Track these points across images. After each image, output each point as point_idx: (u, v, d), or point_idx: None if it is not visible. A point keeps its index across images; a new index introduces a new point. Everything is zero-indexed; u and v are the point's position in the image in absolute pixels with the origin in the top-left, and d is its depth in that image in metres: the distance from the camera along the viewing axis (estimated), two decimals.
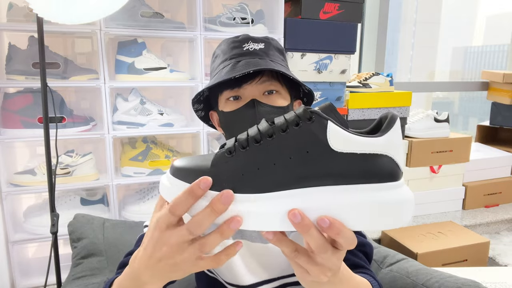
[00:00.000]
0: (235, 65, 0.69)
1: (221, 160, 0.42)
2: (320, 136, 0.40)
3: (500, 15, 24.93)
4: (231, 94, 0.71)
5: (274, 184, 0.41)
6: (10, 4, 1.36)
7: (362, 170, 0.40)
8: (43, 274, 1.30)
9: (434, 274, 1.01)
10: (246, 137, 0.42)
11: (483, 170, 2.29)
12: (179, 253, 0.43)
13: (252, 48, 0.71)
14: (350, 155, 0.40)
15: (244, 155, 0.42)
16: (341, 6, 1.74)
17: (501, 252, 1.93)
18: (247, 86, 0.69)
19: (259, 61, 0.69)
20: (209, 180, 0.40)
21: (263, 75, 0.70)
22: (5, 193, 1.38)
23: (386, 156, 0.41)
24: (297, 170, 0.40)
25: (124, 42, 1.50)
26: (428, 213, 2.15)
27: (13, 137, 1.38)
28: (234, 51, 0.72)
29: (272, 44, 0.75)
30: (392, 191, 0.41)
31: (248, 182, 0.41)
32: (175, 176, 0.44)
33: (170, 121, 1.56)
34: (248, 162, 0.41)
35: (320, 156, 0.40)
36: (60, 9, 1.02)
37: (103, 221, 1.23)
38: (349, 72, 1.85)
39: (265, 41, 0.73)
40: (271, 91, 0.71)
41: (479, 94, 2.76)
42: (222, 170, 0.42)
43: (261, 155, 0.41)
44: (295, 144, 0.41)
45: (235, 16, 1.58)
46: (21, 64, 1.37)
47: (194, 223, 0.41)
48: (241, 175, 0.41)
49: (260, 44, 0.72)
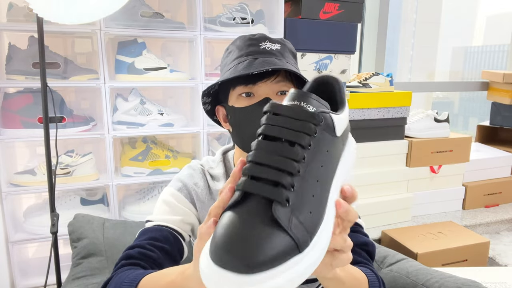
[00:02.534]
0: (252, 62, 0.69)
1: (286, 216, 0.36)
2: (332, 132, 0.41)
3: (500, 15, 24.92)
4: (244, 90, 0.70)
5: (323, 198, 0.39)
6: (10, 4, 1.36)
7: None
8: (43, 274, 1.30)
9: (434, 274, 1.01)
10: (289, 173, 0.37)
11: (483, 170, 2.29)
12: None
13: (269, 47, 0.71)
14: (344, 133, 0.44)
15: (296, 193, 0.37)
16: (341, 6, 1.74)
17: (501, 252, 1.93)
18: (262, 84, 0.69)
19: (276, 61, 0.69)
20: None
21: (278, 75, 0.70)
22: (5, 193, 1.38)
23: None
24: (329, 174, 0.40)
25: (124, 42, 1.50)
26: (428, 213, 2.15)
27: (13, 137, 1.38)
28: (251, 48, 0.71)
29: (287, 47, 0.75)
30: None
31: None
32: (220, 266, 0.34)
33: (170, 121, 1.56)
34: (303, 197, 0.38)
35: (334, 148, 0.41)
36: (60, 9, 1.02)
37: (103, 221, 1.23)
38: (349, 72, 1.85)
39: (281, 43, 0.74)
40: (284, 92, 0.71)
41: (479, 94, 2.76)
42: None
43: (305, 185, 0.38)
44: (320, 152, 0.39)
45: (235, 16, 1.58)
46: (21, 64, 1.37)
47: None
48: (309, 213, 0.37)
49: (276, 44, 0.73)
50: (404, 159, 2.06)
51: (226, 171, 0.81)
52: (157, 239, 0.70)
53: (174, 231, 0.73)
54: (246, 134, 0.71)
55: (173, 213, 0.75)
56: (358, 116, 1.89)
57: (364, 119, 1.91)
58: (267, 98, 0.69)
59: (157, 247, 0.69)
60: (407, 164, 2.06)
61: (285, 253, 0.34)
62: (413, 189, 2.08)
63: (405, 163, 2.06)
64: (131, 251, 0.69)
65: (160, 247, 0.69)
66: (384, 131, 1.99)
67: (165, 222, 0.73)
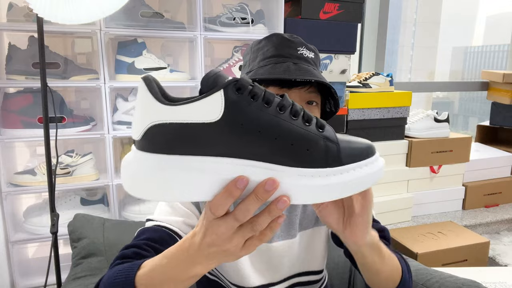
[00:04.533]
0: (293, 67, 0.69)
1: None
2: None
3: (500, 15, 24.91)
4: (278, 92, 0.70)
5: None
6: (10, 4, 1.36)
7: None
8: (43, 274, 1.30)
9: (434, 274, 1.01)
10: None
11: (483, 170, 2.29)
12: (228, 241, 0.44)
13: (306, 54, 0.72)
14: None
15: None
16: (341, 6, 1.74)
17: (501, 252, 1.93)
18: (296, 90, 0.70)
19: (315, 72, 0.70)
20: (246, 179, 0.39)
21: (312, 85, 0.71)
22: (5, 193, 1.38)
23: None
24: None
25: (124, 42, 1.50)
26: (428, 213, 2.15)
27: (13, 137, 1.38)
28: (289, 51, 0.72)
29: (319, 57, 0.77)
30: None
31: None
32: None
33: None
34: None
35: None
36: (60, 9, 1.02)
37: (103, 221, 1.23)
38: (349, 72, 1.85)
39: (314, 51, 0.75)
40: (312, 102, 0.72)
41: (479, 94, 2.76)
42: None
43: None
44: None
45: (235, 16, 1.58)
46: (21, 64, 1.37)
47: (240, 212, 0.42)
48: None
49: (311, 53, 0.74)
50: (404, 159, 2.06)
51: None
52: (154, 240, 0.70)
53: (173, 232, 0.72)
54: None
55: (175, 214, 0.75)
56: (358, 116, 1.89)
57: (364, 119, 1.91)
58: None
59: (153, 247, 0.69)
60: (407, 164, 2.06)
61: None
62: (413, 189, 2.08)
63: (405, 163, 2.06)
64: (127, 251, 0.68)
65: (155, 248, 0.69)
66: (384, 131, 1.99)
67: (165, 222, 0.73)
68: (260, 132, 0.39)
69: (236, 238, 0.44)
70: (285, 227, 0.77)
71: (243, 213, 0.42)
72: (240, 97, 0.38)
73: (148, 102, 0.38)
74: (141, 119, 0.38)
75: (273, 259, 0.76)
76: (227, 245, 0.44)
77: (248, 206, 0.41)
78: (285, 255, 0.77)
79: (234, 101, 0.38)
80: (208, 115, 0.37)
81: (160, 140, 0.38)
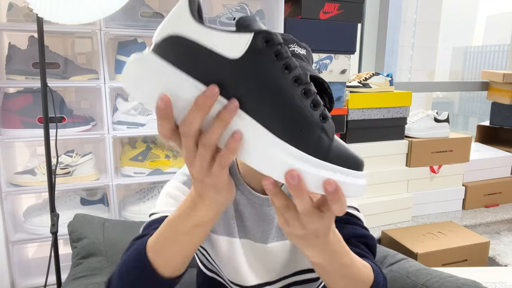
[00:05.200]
0: None
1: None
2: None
3: (500, 15, 24.93)
4: None
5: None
6: (10, 4, 1.36)
7: None
8: (43, 274, 1.30)
9: (434, 274, 1.01)
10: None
11: (483, 170, 2.29)
12: (193, 166, 0.43)
13: (298, 51, 0.71)
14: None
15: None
16: (341, 6, 1.74)
17: (501, 252, 1.93)
18: None
19: (307, 67, 0.70)
20: (216, 90, 0.37)
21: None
22: (5, 193, 1.38)
23: None
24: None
25: (124, 42, 1.50)
26: (428, 213, 2.15)
27: (13, 137, 1.38)
28: None
29: (311, 54, 0.76)
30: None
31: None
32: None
33: None
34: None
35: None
36: (60, 9, 1.02)
37: (103, 221, 1.23)
38: (349, 72, 1.85)
39: (306, 48, 0.74)
40: None
41: (479, 94, 2.76)
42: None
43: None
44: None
45: (235, 16, 1.58)
46: (21, 64, 1.37)
47: (183, 123, 0.40)
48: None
49: (303, 49, 0.73)
50: (404, 159, 2.06)
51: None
52: None
53: None
54: None
55: (178, 204, 0.72)
56: (358, 116, 1.89)
57: (364, 119, 1.91)
58: None
59: None
60: (407, 164, 2.06)
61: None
62: (413, 189, 2.08)
63: (405, 163, 2.06)
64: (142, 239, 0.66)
65: None
66: (384, 131, 1.99)
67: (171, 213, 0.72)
68: (267, 89, 0.38)
69: (197, 161, 0.42)
70: (280, 229, 0.77)
71: (186, 124, 0.40)
72: (266, 49, 0.37)
73: (182, 13, 0.37)
74: (168, 25, 0.38)
75: (269, 259, 0.76)
76: (193, 171, 0.43)
77: (190, 115, 0.39)
78: (281, 255, 0.77)
79: (258, 50, 0.37)
80: (229, 50, 0.37)
81: (173, 51, 0.38)
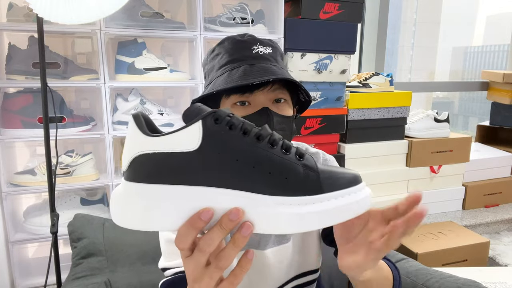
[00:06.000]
0: (248, 69, 0.66)
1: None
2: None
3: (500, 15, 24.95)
4: (241, 99, 0.67)
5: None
6: (10, 4, 1.36)
7: None
8: (43, 274, 1.30)
9: (434, 274, 1.01)
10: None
11: (483, 170, 2.29)
12: (200, 278, 0.41)
13: (262, 52, 0.69)
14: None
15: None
16: (341, 6, 1.74)
17: (501, 252, 1.93)
18: (259, 93, 0.67)
19: (274, 68, 0.67)
20: (211, 212, 0.38)
21: (274, 83, 0.67)
22: (5, 193, 1.38)
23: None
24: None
25: (124, 42, 1.50)
26: (428, 213, 2.14)
27: (13, 137, 1.38)
28: (243, 53, 0.68)
29: (278, 50, 0.73)
30: None
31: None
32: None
33: (170, 121, 1.56)
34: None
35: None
36: (60, 9, 1.02)
37: (103, 221, 1.23)
38: (349, 72, 1.85)
39: (271, 45, 0.72)
40: (279, 100, 0.69)
41: (479, 94, 2.76)
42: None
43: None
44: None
45: (235, 16, 1.58)
46: (21, 64, 1.37)
47: (203, 241, 0.39)
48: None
49: (268, 48, 0.70)
50: (404, 159, 2.06)
51: None
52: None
53: None
54: None
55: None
56: (358, 116, 1.89)
57: (364, 119, 1.91)
58: (266, 108, 0.67)
59: None
60: (407, 164, 2.06)
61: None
62: (413, 189, 2.08)
63: (405, 163, 2.06)
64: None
65: None
66: (384, 131, 1.99)
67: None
68: (238, 160, 0.39)
69: (205, 278, 0.40)
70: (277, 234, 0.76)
71: (206, 242, 0.39)
72: (218, 127, 0.39)
73: (134, 135, 0.39)
74: (128, 151, 0.40)
75: (270, 266, 0.75)
76: (202, 283, 0.41)
77: (212, 235, 0.39)
78: (282, 260, 0.76)
79: (212, 131, 0.38)
80: (187, 145, 0.38)
81: (143, 169, 0.39)
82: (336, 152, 1.90)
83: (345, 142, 1.91)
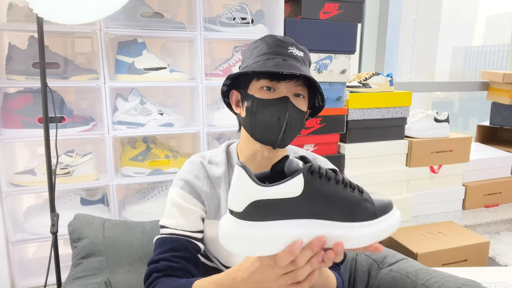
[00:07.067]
0: (281, 62, 0.76)
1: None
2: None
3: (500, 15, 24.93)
4: (268, 84, 0.78)
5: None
6: (10, 4, 1.36)
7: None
8: (43, 274, 1.30)
9: (434, 274, 1.01)
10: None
11: (483, 170, 2.29)
12: (274, 282, 0.59)
13: (295, 53, 0.79)
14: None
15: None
16: (341, 6, 1.74)
17: (501, 252, 1.93)
18: (284, 84, 0.77)
19: (302, 68, 0.77)
20: (300, 243, 0.54)
21: (299, 79, 0.78)
22: (5, 193, 1.38)
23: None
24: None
25: (124, 42, 1.50)
26: (428, 213, 2.15)
27: (13, 137, 1.38)
28: (280, 49, 0.79)
29: (308, 56, 0.84)
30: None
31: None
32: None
33: (170, 121, 1.56)
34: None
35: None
36: (60, 9, 1.02)
37: (103, 221, 1.23)
38: (349, 72, 1.85)
39: (304, 51, 0.82)
40: (299, 95, 0.79)
41: (479, 94, 2.76)
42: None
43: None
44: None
45: (235, 16, 1.58)
46: (21, 64, 1.37)
47: (299, 260, 0.56)
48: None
49: (301, 52, 0.81)
50: (404, 159, 2.06)
51: (228, 159, 0.90)
52: (176, 249, 0.81)
53: (188, 237, 0.82)
54: (259, 122, 0.79)
55: (184, 215, 0.83)
56: (358, 116, 1.89)
57: (364, 119, 1.91)
58: (287, 97, 0.77)
59: (179, 257, 0.80)
60: (407, 164, 2.06)
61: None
62: (413, 189, 2.08)
63: (405, 163, 2.06)
64: (159, 265, 0.79)
65: (181, 256, 0.80)
66: (384, 131, 1.99)
67: (179, 228, 0.82)
68: (325, 198, 0.55)
69: (281, 281, 0.58)
70: None
71: (301, 260, 0.56)
72: (313, 177, 0.54)
73: (248, 184, 0.52)
74: (244, 196, 0.53)
75: None
76: (271, 285, 0.59)
77: (303, 258, 0.56)
78: None
79: (309, 180, 0.54)
80: (293, 193, 0.53)
81: (257, 211, 0.53)
82: (336, 152, 1.90)
83: (345, 142, 1.91)
